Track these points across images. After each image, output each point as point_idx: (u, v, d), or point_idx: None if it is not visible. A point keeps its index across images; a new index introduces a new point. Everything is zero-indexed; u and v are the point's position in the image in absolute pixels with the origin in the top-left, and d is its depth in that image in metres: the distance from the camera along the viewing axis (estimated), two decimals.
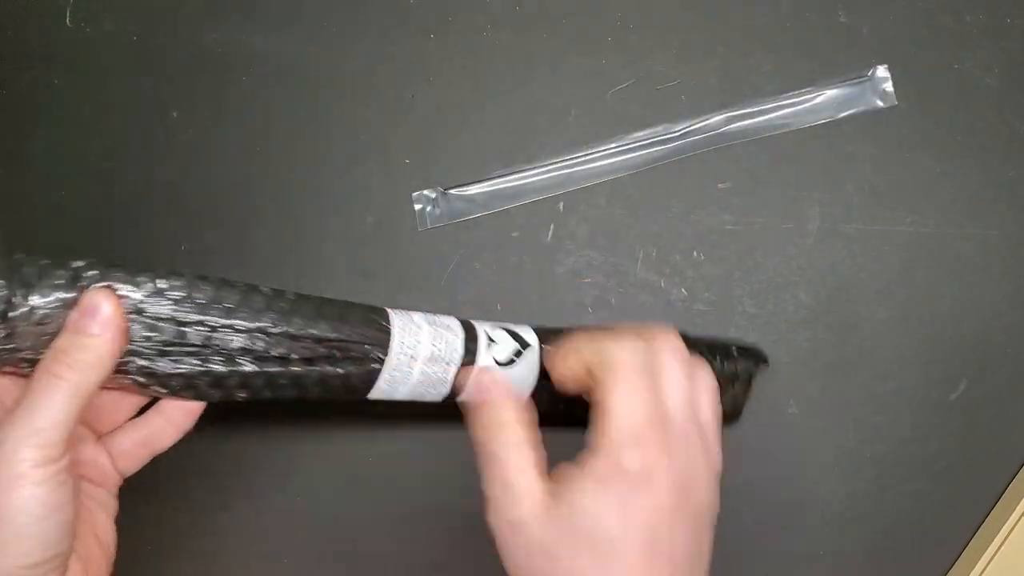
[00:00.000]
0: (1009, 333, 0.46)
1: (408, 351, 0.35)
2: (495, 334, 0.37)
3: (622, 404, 0.31)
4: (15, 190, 0.48)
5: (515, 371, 0.37)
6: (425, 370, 0.36)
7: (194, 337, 0.32)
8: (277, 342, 0.33)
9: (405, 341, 0.35)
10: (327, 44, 0.48)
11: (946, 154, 0.46)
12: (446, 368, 0.36)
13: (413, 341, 0.35)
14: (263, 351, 0.33)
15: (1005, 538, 0.43)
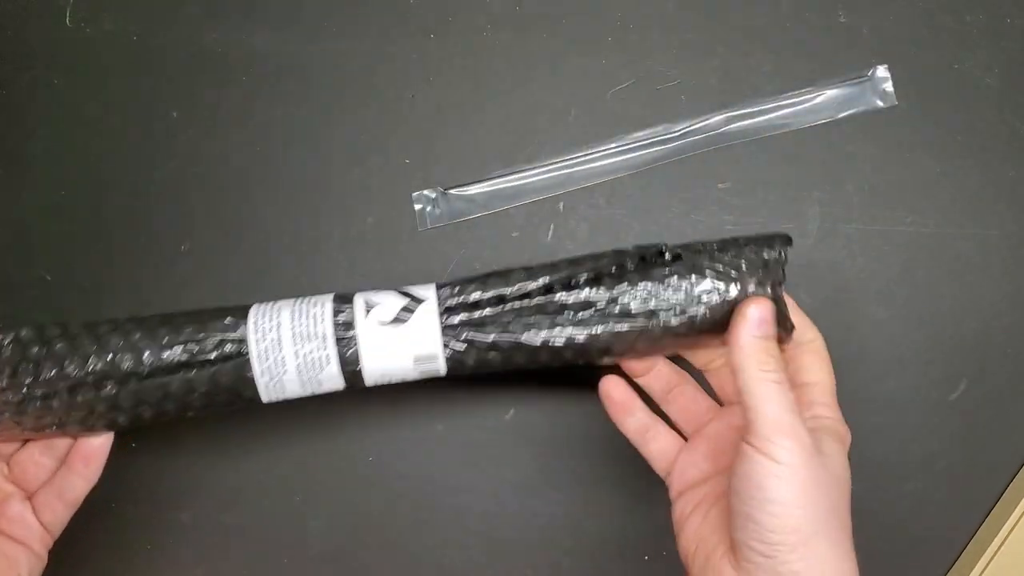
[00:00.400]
0: (1009, 333, 0.46)
1: (269, 335, 0.35)
2: (377, 297, 0.36)
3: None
4: (15, 190, 0.48)
5: (406, 328, 0.35)
6: (298, 351, 0.35)
7: (57, 380, 0.34)
8: (128, 362, 0.35)
9: (260, 324, 0.35)
10: (327, 44, 0.48)
11: (946, 154, 0.46)
12: (322, 344, 0.35)
13: (271, 324, 0.35)
14: (114, 373, 0.35)
15: (1005, 538, 0.43)
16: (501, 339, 0.36)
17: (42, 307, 0.47)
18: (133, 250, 0.47)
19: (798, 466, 0.32)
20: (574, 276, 0.36)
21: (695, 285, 0.35)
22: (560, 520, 0.46)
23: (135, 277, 0.47)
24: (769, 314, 0.34)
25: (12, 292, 0.47)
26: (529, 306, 0.36)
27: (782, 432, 0.32)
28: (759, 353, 0.33)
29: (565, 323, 0.36)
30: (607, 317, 0.36)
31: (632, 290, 0.35)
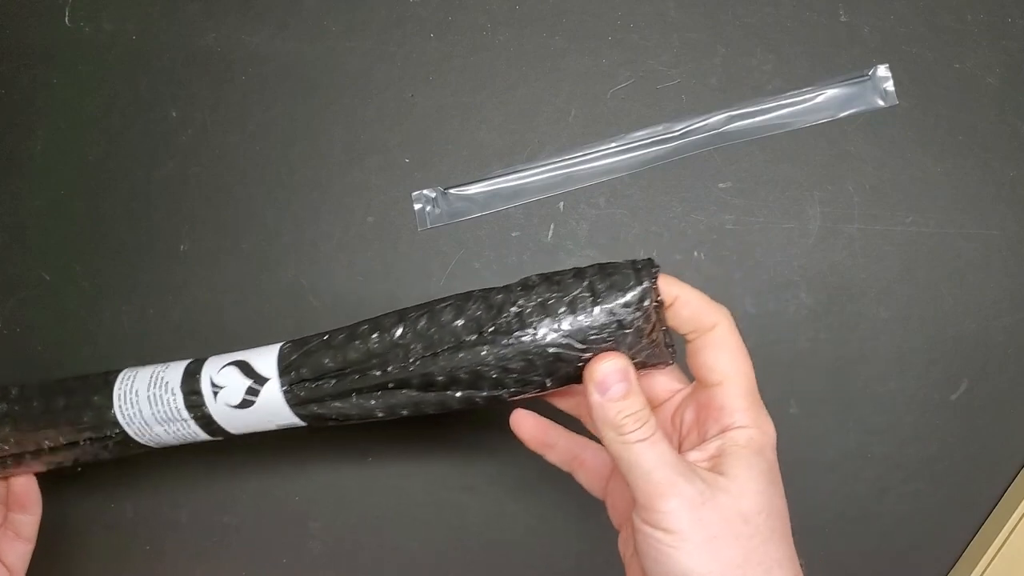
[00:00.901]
0: (1010, 333, 0.45)
1: (136, 420, 0.37)
2: (222, 377, 0.35)
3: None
4: (15, 190, 0.48)
5: (255, 408, 0.34)
6: (167, 429, 0.37)
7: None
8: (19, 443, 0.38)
9: (126, 413, 0.37)
10: (327, 44, 0.48)
11: (947, 154, 0.46)
12: (185, 424, 0.36)
13: (134, 412, 0.37)
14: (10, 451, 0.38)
15: (1006, 539, 0.43)
16: (349, 411, 0.34)
17: (42, 307, 0.47)
18: (133, 250, 0.47)
19: (689, 527, 0.28)
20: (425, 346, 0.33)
21: (541, 343, 0.31)
22: (560, 520, 0.46)
23: (135, 277, 0.47)
24: (615, 370, 0.30)
25: (12, 292, 0.47)
26: (374, 374, 0.33)
27: (659, 495, 0.29)
28: (614, 417, 0.30)
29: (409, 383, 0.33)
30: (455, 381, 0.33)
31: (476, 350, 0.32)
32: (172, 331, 0.47)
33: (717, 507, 0.29)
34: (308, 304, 0.46)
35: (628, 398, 0.30)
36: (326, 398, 0.34)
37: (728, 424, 0.31)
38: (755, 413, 0.31)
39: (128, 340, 0.47)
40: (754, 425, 0.31)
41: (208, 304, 0.47)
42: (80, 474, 0.46)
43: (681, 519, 0.28)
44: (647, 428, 0.30)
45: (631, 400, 0.30)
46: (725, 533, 0.29)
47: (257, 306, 0.47)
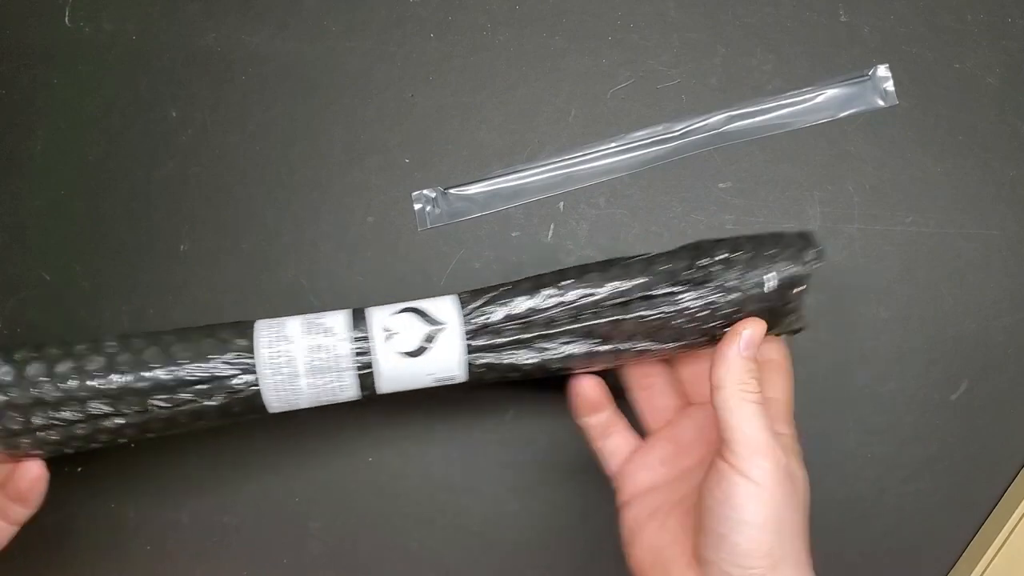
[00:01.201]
0: (1010, 333, 0.45)
1: (284, 369, 0.33)
2: (396, 322, 0.34)
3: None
4: (15, 190, 0.48)
5: (427, 357, 0.34)
6: (314, 383, 0.33)
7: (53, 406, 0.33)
8: (124, 398, 0.33)
9: (274, 360, 0.33)
10: (327, 44, 0.48)
11: (947, 154, 0.46)
12: (339, 377, 0.34)
13: (284, 359, 0.33)
14: (116, 409, 0.33)
15: (1006, 539, 0.43)
16: (524, 361, 0.35)
17: (42, 307, 0.47)
18: (133, 250, 0.47)
19: (774, 487, 0.32)
20: (596, 285, 0.35)
21: (713, 298, 0.35)
22: (559, 520, 0.46)
23: (135, 277, 0.47)
24: (760, 335, 0.34)
25: (12, 292, 0.47)
26: (550, 320, 0.35)
27: (760, 452, 0.32)
28: (743, 372, 0.33)
29: (581, 336, 0.35)
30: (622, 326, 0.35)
31: (649, 302, 0.35)
32: None
33: (793, 482, 0.33)
34: (308, 304, 0.46)
35: (755, 362, 0.34)
36: (502, 347, 0.34)
37: (782, 431, 0.35)
38: (795, 431, 0.36)
39: None
40: (794, 437, 0.36)
41: (208, 304, 0.47)
42: (82, 474, 0.46)
43: (771, 477, 0.32)
44: (761, 394, 0.33)
45: (757, 365, 0.34)
46: (792, 503, 0.32)
47: (257, 306, 0.47)
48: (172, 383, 0.33)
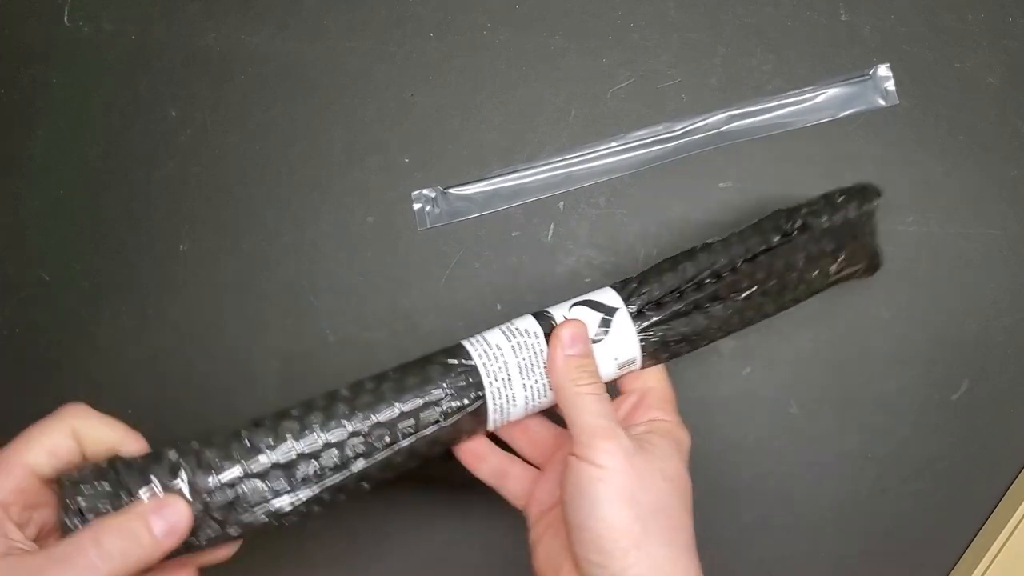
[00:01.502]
0: (1011, 333, 0.45)
1: (501, 376, 0.36)
2: (573, 314, 0.37)
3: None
4: (15, 190, 0.48)
5: (607, 344, 0.37)
6: (525, 383, 0.36)
7: (302, 469, 0.34)
8: (373, 436, 0.34)
9: (491, 370, 0.36)
10: (327, 44, 0.48)
11: (948, 153, 0.46)
12: (543, 374, 0.36)
13: (498, 366, 0.36)
14: (365, 450, 0.34)
15: (1007, 539, 0.43)
16: (688, 330, 0.38)
17: (42, 307, 0.47)
18: (133, 250, 0.47)
19: (619, 467, 0.32)
20: (737, 259, 0.38)
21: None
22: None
23: (135, 277, 0.47)
24: (580, 333, 0.36)
25: (12, 292, 0.47)
26: (708, 291, 0.38)
27: (599, 436, 0.33)
28: (571, 370, 0.35)
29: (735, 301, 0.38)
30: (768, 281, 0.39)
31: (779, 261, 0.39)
32: (172, 331, 0.47)
33: (645, 458, 0.33)
34: (308, 304, 0.46)
35: (587, 357, 0.35)
36: (669, 318, 0.37)
37: (653, 416, 0.37)
38: (675, 415, 0.37)
39: (128, 340, 0.47)
40: (676, 423, 0.37)
41: (208, 304, 0.47)
42: None
43: (615, 457, 0.33)
44: (598, 385, 0.35)
45: (588, 360, 0.35)
46: (647, 480, 0.33)
47: (257, 306, 0.47)
48: (411, 411, 0.35)
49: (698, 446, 0.45)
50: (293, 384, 0.46)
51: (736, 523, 0.45)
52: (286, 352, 0.46)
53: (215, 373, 0.46)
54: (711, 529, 0.45)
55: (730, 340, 0.45)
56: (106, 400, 0.46)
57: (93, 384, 0.47)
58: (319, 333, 0.46)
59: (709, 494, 0.45)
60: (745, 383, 0.45)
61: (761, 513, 0.45)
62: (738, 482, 0.45)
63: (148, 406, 0.47)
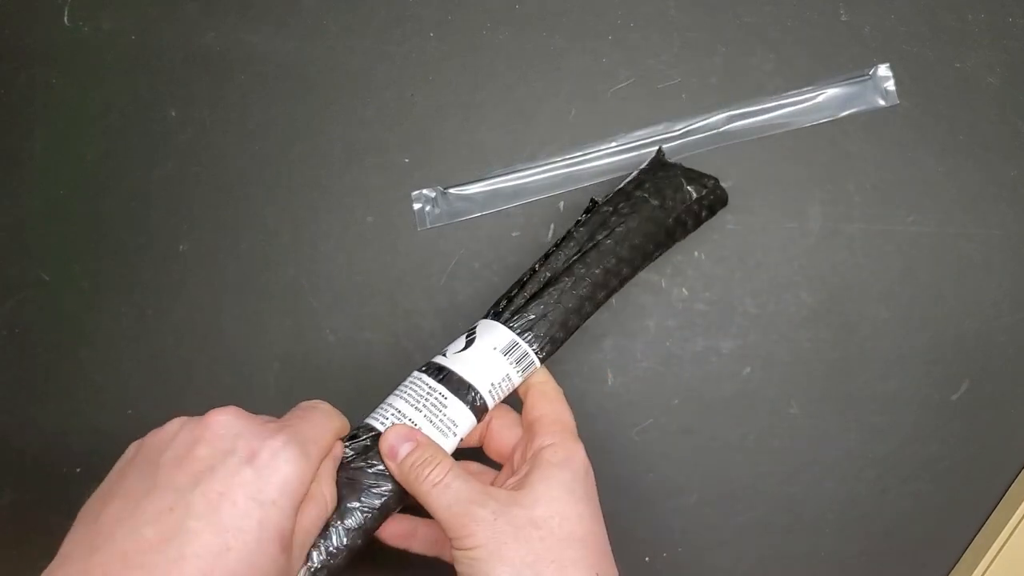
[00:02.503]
0: (1011, 333, 0.45)
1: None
2: (446, 357, 0.39)
3: None
4: (15, 190, 0.48)
5: (481, 342, 0.38)
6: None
7: None
8: None
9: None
10: (327, 44, 0.48)
11: (948, 153, 0.46)
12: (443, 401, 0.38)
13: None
14: None
15: (1007, 539, 0.43)
16: (549, 306, 0.39)
17: (42, 307, 0.47)
18: (132, 250, 0.47)
19: (485, 542, 0.32)
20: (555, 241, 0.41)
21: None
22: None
23: (134, 277, 0.47)
24: (399, 435, 0.35)
25: (12, 292, 0.47)
26: (547, 268, 0.40)
27: (461, 524, 0.33)
28: (408, 474, 0.35)
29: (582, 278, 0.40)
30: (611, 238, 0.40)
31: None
32: (171, 331, 0.47)
33: (509, 519, 0.33)
34: (308, 304, 0.46)
35: (417, 451, 0.35)
36: (528, 302, 0.39)
37: (538, 446, 0.36)
38: (563, 437, 0.36)
39: (128, 340, 0.47)
40: (559, 443, 0.36)
41: (207, 304, 0.47)
42: (82, 475, 0.46)
43: (478, 536, 0.32)
44: (438, 472, 0.34)
45: (419, 451, 0.35)
46: (515, 538, 0.32)
47: (257, 306, 0.47)
48: None
49: (698, 446, 0.45)
50: (293, 384, 0.46)
51: (736, 523, 0.45)
52: (286, 352, 0.46)
53: (215, 373, 0.46)
54: (711, 529, 0.45)
55: (730, 340, 0.45)
56: (106, 400, 0.47)
57: (93, 384, 0.47)
58: (319, 333, 0.46)
59: (709, 494, 0.45)
60: (745, 383, 0.45)
61: (761, 513, 0.45)
62: (738, 482, 0.45)
63: (148, 406, 0.47)
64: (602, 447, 0.46)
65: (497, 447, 0.39)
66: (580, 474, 0.35)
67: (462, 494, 0.34)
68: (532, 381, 0.39)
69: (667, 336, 0.46)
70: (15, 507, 0.47)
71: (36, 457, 0.47)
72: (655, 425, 0.46)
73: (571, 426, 0.37)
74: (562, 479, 0.34)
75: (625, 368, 0.46)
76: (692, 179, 0.42)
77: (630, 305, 0.46)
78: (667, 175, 0.42)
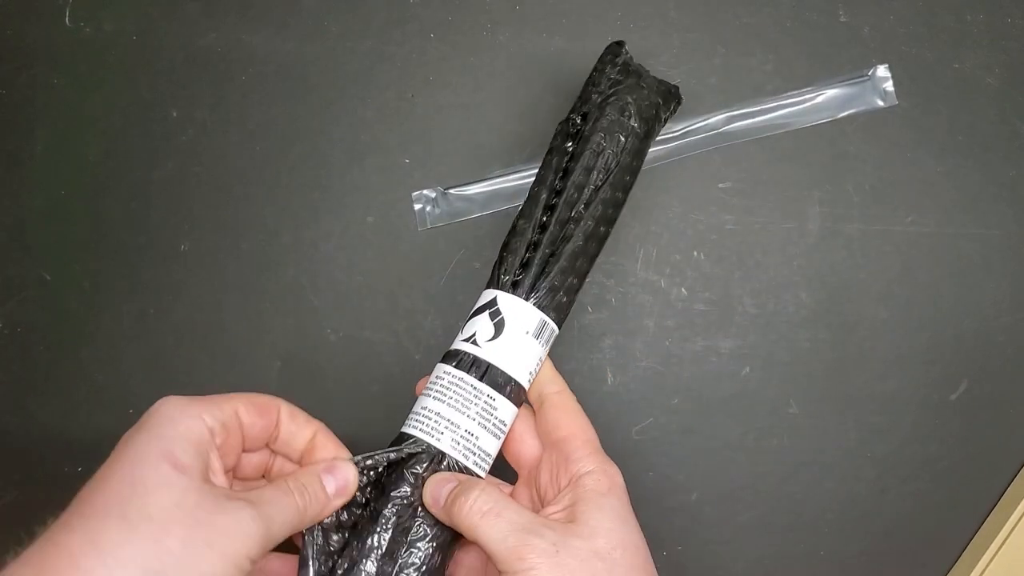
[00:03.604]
0: (1010, 333, 0.45)
1: (449, 431, 0.36)
2: (467, 329, 0.38)
3: None
4: (15, 190, 0.48)
5: (511, 329, 0.37)
6: (471, 414, 0.36)
7: None
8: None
9: (429, 432, 0.36)
10: (327, 44, 0.48)
11: (947, 154, 0.46)
12: (478, 392, 0.37)
13: (440, 425, 0.36)
14: None
15: (1005, 539, 0.43)
16: (568, 262, 0.38)
17: (42, 307, 0.47)
18: (133, 250, 0.47)
19: (551, 574, 0.31)
20: (552, 181, 0.39)
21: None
22: None
23: (135, 277, 0.47)
24: (437, 488, 0.34)
25: (12, 292, 0.47)
26: (554, 222, 0.38)
27: (518, 557, 0.31)
28: (453, 516, 0.33)
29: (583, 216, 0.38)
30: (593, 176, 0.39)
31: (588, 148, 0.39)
32: (172, 331, 0.47)
33: (571, 551, 0.32)
34: (308, 304, 0.46)
35: (456, 490, 0.34)
36: (542, 268, 0.38)
37: (575, 472, 0.35)
38: (599, 459, 0.35)
39: (128, 340, 0.47)
40: (599, 469, 0.35)
41: (208, 304, 0.47)
42: (82, 474, 0.46)
43: (540, 569, 0.31)
44: (485, 501, 0.33)
45: (460, 490, 0.33)
46: (582, 570, 0.31)
47: (257, 306, 0.47)
48: None
49: (698, 446, 0.46)
50: (294, 383, 0.46)
51: (736, 523, 0.45)
52: (286, 352, 0.46)
53: (215, 373, 0.46)
54: (711, 529, 0.45)
55: (729, 340, 0.46)
56: (107, 400, 0.47)
57: (93, 384, 0.47)
58: (319, 333, 0.46)
59: (709, 494, 0.45)
60: (744, 383, 0.46)
61: (761, 513, 0.45)
62: (738, 482, 0.45)
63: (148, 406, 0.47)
64: (602, 447, 0.46)
65: (517, 454, 0.38)
66: (626, 499, 0.35)
67: (517, 523, 0.32)
68: (546, 391, 0.37)
69: (667, 336, 0.46)
70: (15, 507, 0.47)
71: (36, 457, 0.47)
72: (655, 425, 0.46)
73: (598, 443, 0.36)
74: (614, 508, 0.34)
75: (625, 368, 0.46)
76: (663, 92, 0.41)
77: (630, 305, 0.46)
78: (642, 87, 0.40)
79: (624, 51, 0.41)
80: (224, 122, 0.48)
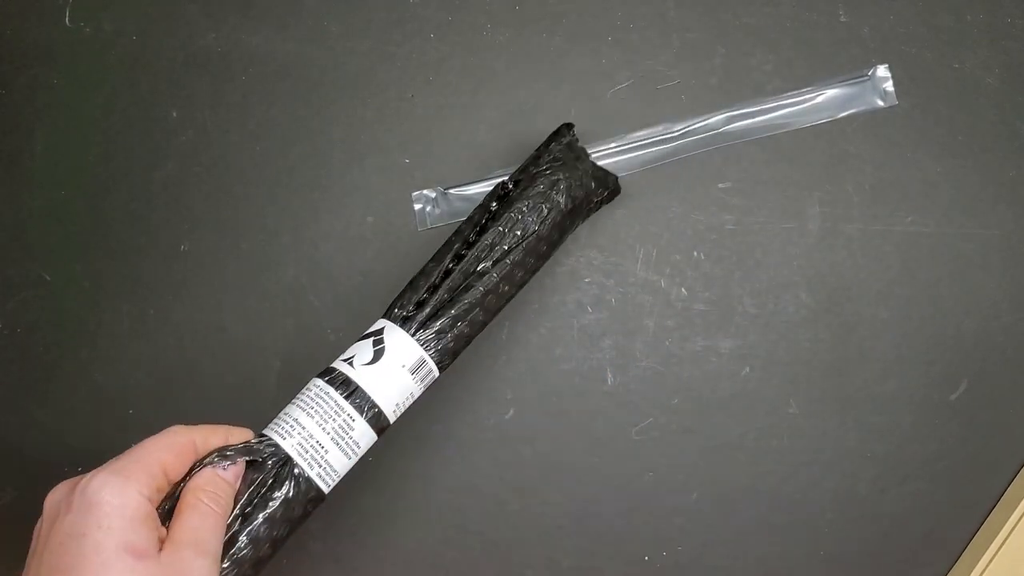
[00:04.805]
0: (1010, 333, 0.45)
1: (298, 433, 0.36)
2: (348, 351, 0.38)
3: None
4: (15, 190, 0.48)
5: (388, 358, 0.38)
6: (336, 440, 0.37)
7: None
8: None
9: (285, 434, 0.36)
10: (327, 44, 0.48)
11: (947, 154, 0.46)
12: (339, 410, 0.37)
13: (295, 428, 0.36)
14: None
15: (1005, 539, 0.43)
16: (462, 310, 0.39)
17: (42, 307, 0.47)
18: (133, 250, 0.47)
19: None
20: (468, 234, 0.40)
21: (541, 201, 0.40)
22: (559, 520, 0.46)
23: (135, 277, 0.47)
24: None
25: (12, 292, 0.47)
26: (459, 272, 0.39)
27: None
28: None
29: (484, 277, 0.39)
30: (505, 244, 0.40)
31: (509, 215, 0.40)
32: (172, 331, 0.47)
33: None
34: (308, 304, 0.47)
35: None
36: (436, 311, 0.39)
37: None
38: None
39: (128, 340, 0.47)
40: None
41: (208, 304, 0.47)
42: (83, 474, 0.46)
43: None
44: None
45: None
46: None
47: (257, 306, 0.47)
48: None
49: (698, 446, 0.46)
50: (294, 383, 0.46)
51: (736, 523, 0.45)
52: (286, 352, 0.46)
53: (215, 373, 0.46)
54: (711, 529, 0.45)
55: (729, 340, 0.46)
56: (106, 400, 0.47)
57: (93, 384, 0.47)
58: (319, 333, 0.46)
59: (709, 494, 0.45)
60: (744, 383, 0.46)
61: (761, 513, 0.45)
62: (738, 482, 0.45)
63: (148, 406, 0.47)
64: (602, 447, 0.46)
65: None
66: None
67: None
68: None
69: (666, 336, 0.46)
70: (15, 507, 0.47)
71: (36, 457, 0.47)
72: (655, 425, 0.46)
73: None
74: None
75: (625, 368, 0.46)
76: (598, 178, 0.43)
77: (630, 305, 0.46)
78: (578, 168, 0.42)
79: (571, 133, 0.43)
80: (224, 122, 0.48)
